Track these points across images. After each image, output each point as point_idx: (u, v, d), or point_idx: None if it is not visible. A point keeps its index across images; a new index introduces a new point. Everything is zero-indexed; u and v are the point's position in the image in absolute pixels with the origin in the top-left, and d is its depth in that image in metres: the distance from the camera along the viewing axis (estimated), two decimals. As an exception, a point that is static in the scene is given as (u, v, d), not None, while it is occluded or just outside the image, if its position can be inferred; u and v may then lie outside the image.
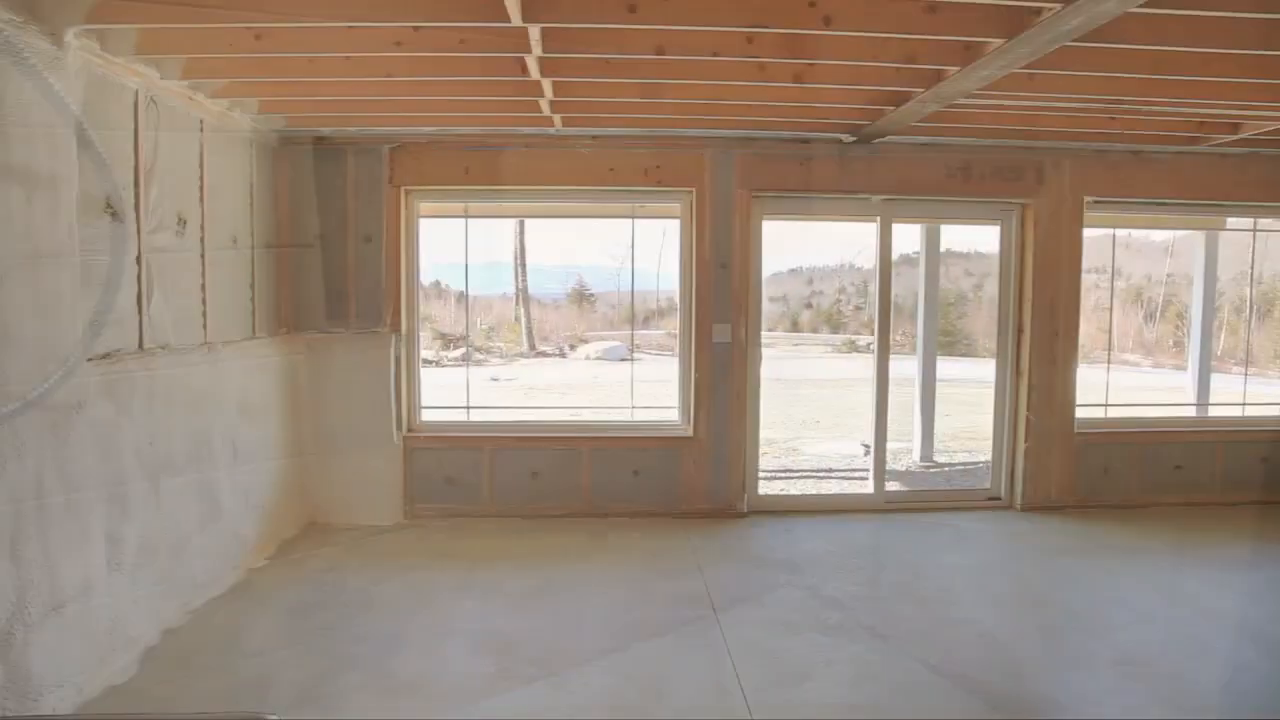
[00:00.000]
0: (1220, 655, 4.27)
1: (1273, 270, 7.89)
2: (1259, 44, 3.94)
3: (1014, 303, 6.84)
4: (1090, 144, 6.52)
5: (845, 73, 4.64)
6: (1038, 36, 3.65)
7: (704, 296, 6.39)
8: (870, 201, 6.57)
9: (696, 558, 5.60)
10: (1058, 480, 6.85)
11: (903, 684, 3.91)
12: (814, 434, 11.45)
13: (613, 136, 6.21)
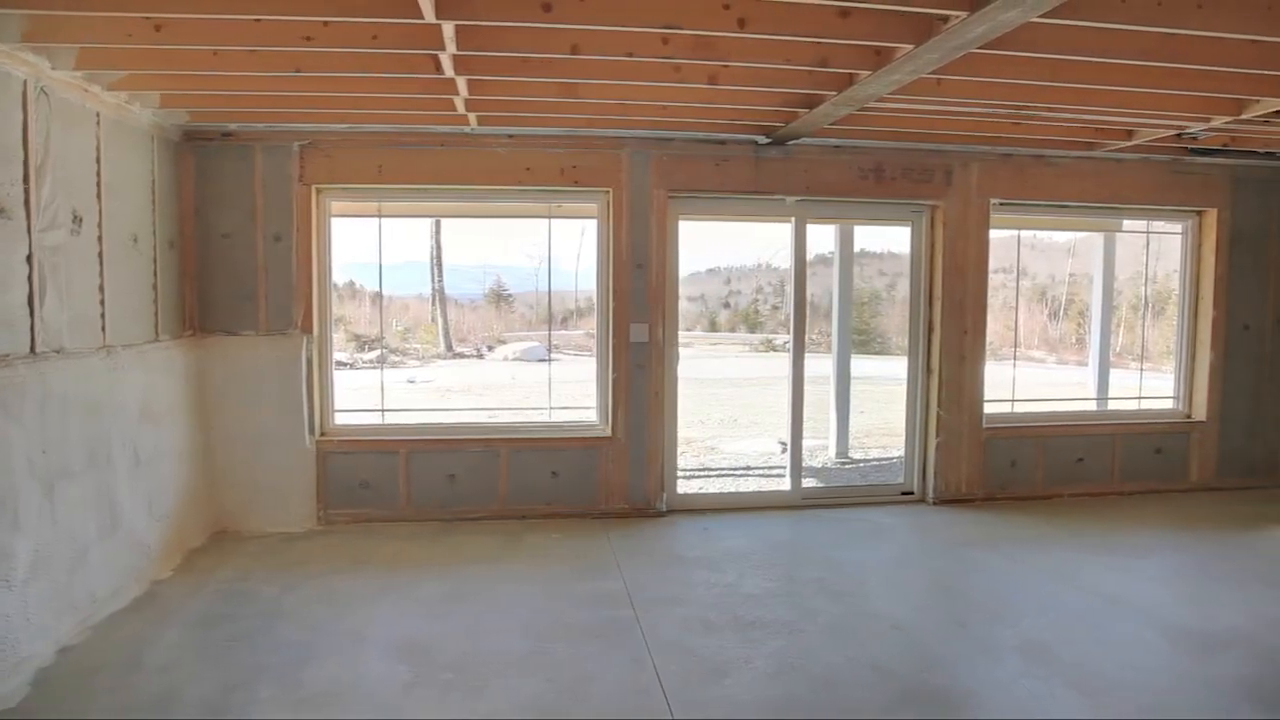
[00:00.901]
0: (1120, 639, 4.45)
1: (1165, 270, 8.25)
2: (1149, 55, 4.11)
3: (925, 301, 7.02)
4: (996, 148, 6.72)
5: (759, 75, 4.70)
6: (945, 43, 3.75)
7: (621, 296, 6.40)
8: (785, 202, 6.67)
9: (616, 557, 5.60)
10: (967, 474, 7.06)
11: (820, 677, 3.97)
12: (732, 432, 11.57)
13: (529, 136, 6.17)
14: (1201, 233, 7.56)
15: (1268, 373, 7.67)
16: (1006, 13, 3.32)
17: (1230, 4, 3.59)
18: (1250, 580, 5.34)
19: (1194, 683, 4.00)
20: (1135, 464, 7.46)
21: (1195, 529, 6.45)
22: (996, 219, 7.04)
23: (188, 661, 4.06)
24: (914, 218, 6.99)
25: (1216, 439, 7.59)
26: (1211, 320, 7.48)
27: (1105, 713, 3.68)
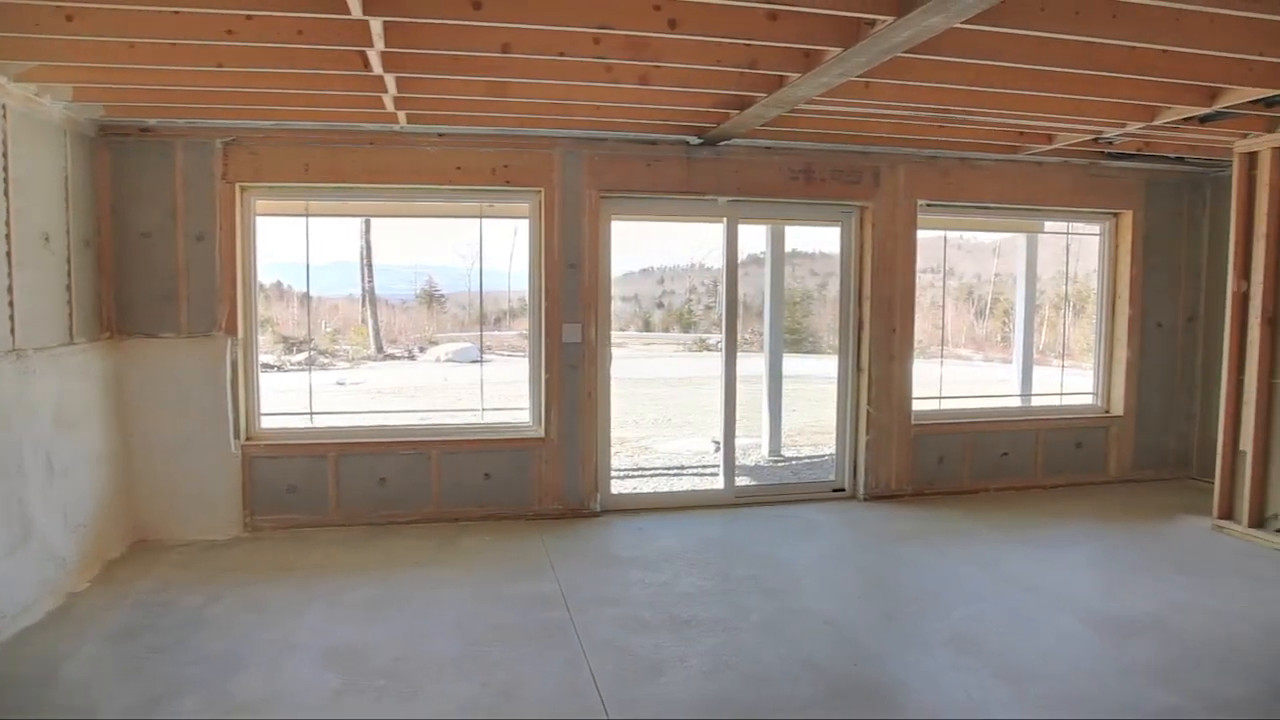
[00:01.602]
0: (1043, 628, 4.58)
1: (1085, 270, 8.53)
2: (1067, 63, 4.24)
3: (854, 301, 7.13)
4: (922, 150, 6.86)
5: (691, 75, 4.72)
6: (872, 46, 3.81)
7: (554, 296, 6.37)
8: (717, 203, 6.71)
9: (550, 558, 5.57)
10: (897, 470, 7.19)
11: (753, 674, 4.01)
12: (666, 432, 11.62)
13: (460, 135, 6.11)
14: (1118, 234, 7.82)
15: (1179, 369, 7.97)
16: (931, 18, 3.39)
17: (1141, 16, 3.71)
18: (1164, 567, 5.54)
19: (1112, 667, 4.13)
20: (1057, 458, 7.68)
21: (1113, 520, 6.67)
22: (924, 220, 7.19)
23: (106, 676, 3.93)
24: (843, 218, 7.10)
25: (1133, 433, 7.86)
26: (1128, 319, 7.74)
27: (1029, 700, 3.78)
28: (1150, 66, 4.36)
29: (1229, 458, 6.40)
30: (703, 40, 4.01)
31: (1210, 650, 4.30)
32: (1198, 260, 7.91)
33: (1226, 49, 3.97)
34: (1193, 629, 4.56)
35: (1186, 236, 7.87)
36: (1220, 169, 7.39)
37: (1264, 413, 6.16)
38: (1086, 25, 3.70)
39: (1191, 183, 7.82)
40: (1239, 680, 3.98)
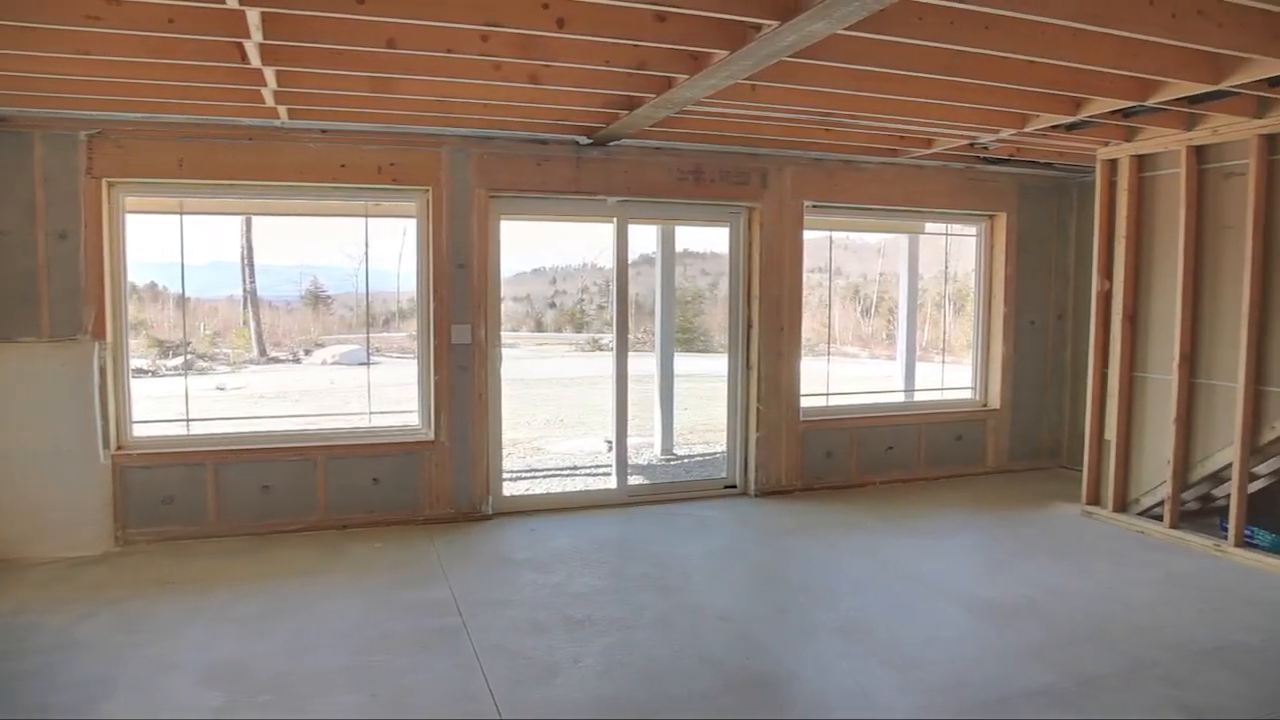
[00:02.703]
0: (927, 615, 4.74)
1: (964, 270, 8.88)
2: (944, 70, 4.38)
3: (744, 300, 7.24)
4: (808, 152, 7.01)
5: (580, 75, 4.70)
6: (758, 50, 3.86)
7: (442, 297, 6.27)
8: (606, 203, 6.71)
9: (442, 563, 5.48)
10: (786, 466, 7.34)
11: (649, 671, 4.03)
12: (558, 433, 11.57)
13: (344, 131, 5.94)
14: (993, 235, 8.16)
15: (1050, 364, 8.37)
16: (814, 24, 3.46)
17: (1011, 27, 3.87)
18: (1037, 553, 5.81)
19: (991, 650, 4.32)
20: (939, 451, 7.97)
21: (991, 509, 6.96)
22: (810, 220, 7.36)
23: (-38, 703, 3.68)
24: (732, 219, 7.20)
25: (1009, 425, 8.22)
26: (1003, 316, 8.09)
27: (914, 685, 3.91)
28: (1021, 76, 4.56)
29: (1095, 447, 6.76)
30: (592, 40, 4.00)
31: (1080, 629, 4.53)
32: (1066, 261, 8.33)
33: (1089, 62, 4.18)
34: (1064, 610, 4.79)
35: (1056, 238, 8.28)
36: (1085, 174, 7.79)
37: (1126, 404, 6.52)
38: (961, 35, 3.83)
39: (1060, 187, 8.23)
40: (1106, 656, 4.21)
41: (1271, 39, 3.88)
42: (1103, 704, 3.74)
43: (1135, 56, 4.22)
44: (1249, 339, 5.59)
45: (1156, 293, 6.31)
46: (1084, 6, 3.48)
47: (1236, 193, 5.71)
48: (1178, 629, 4.56)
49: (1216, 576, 5.35)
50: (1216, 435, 5.88)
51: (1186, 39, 3.79)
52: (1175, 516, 6.13)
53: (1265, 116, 5.34)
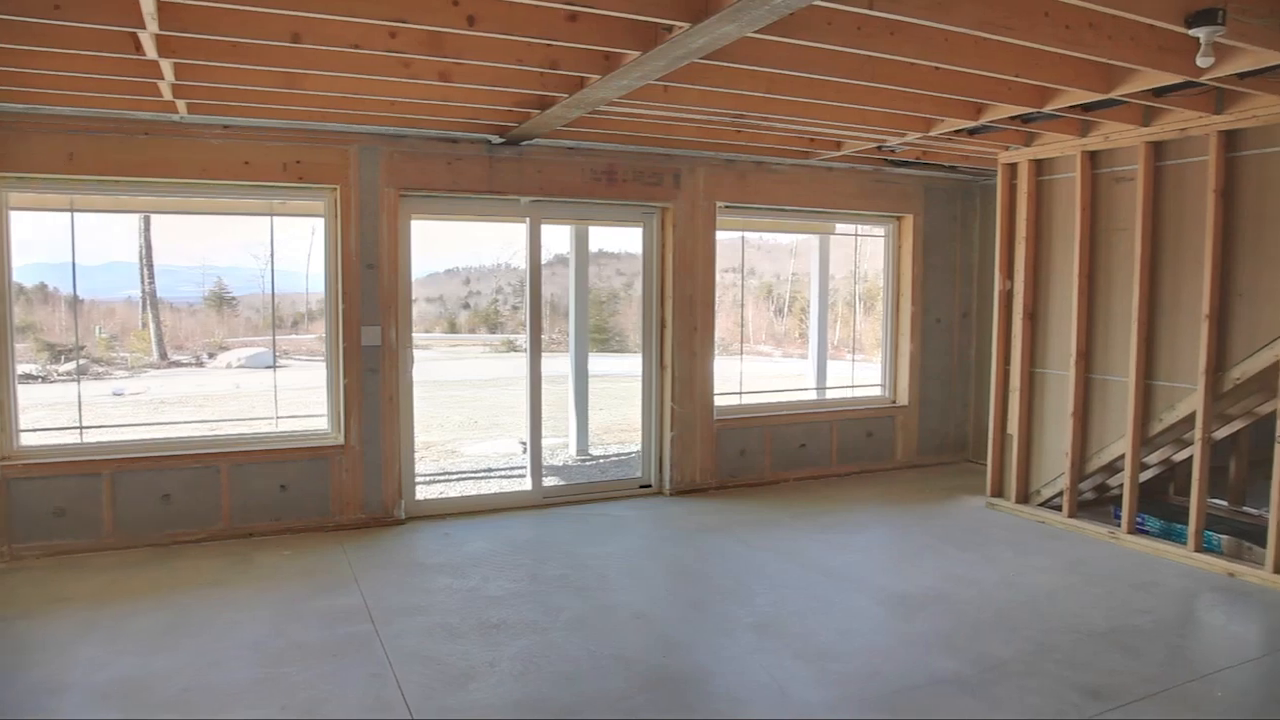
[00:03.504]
0: (840, 608, 4.83)
1: (874, 269, 9.07)
2: (853, 75, 4.47)
3: (657, 300, 7.27)
4: (720, 153, 7.08)
5: (491, 74, 4.66)
6: (669, 52, 3.88)
7: (351, 298, 6.13)
8: (519, 202, 6.67)
9: (353, 570, 5.36)
10: (701, 464, 7.39)
11: (566, 673, 4.01)
12: (473, 435, 11.45)
13: (248, 127, 5.77)
14: (900, 236, 8.36)
15: (956, 361, 8.62)
16: (725, 26, 3.49)
17: (917, 34, 3.96)
18: (944, 545, 5.97)
19: (901, 641, 4.42)
20: (850, 447, 8.13)
21: (900, 503, 7.12)
22: (723, 221, 7.43)
23: None
24: (645, 219, 7.22)
25: (917, 421, 8.44)
26: (911, 315, 8.30)
27: (828, 677, 3.97)
28: (926, 82, 4.68)
29: (999, 441, 6.99)
30: (503, 39, 3.96)
31: (985, 617, 4.68)
32: (970, 261, 8.59)
33: (990, 69, 4.31)
34: (970, 599, 4.94)
35: (960, 239, 8.52)
36: (988, 177, 8.05)
37: (1027, 399, 6.76)
38: (869, 41, 3.91)
39: (964, 190, 8.48)
40: (1010, 642, 4.35)
41: (1156, 52, 4.07)
42: (1007, 688, 3.87)
43: (1033, 65, 4.37)
44: (1139, 336, 5.85)
45: (1055, 292, 6.55)
46: (984, 16, 3.59)
47: (1127, 197, 5.97)
48: (1076, 614, 4.75)
49: (1111, 562, 5.59)
50: (1111, 428, 6.13)
51: (1079, 50, 3.94)
52: (1073, 506, 6.38)
53: (1151, 125, 5.60)
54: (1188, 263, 5.63)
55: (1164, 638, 4.48)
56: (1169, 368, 5.77)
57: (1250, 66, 4.16)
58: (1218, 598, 5.06)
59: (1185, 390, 5.66)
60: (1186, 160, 5.62)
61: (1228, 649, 4.45)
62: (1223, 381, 5.47)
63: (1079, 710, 3.67)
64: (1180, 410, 5.69)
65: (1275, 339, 5.16)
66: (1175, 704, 3.76)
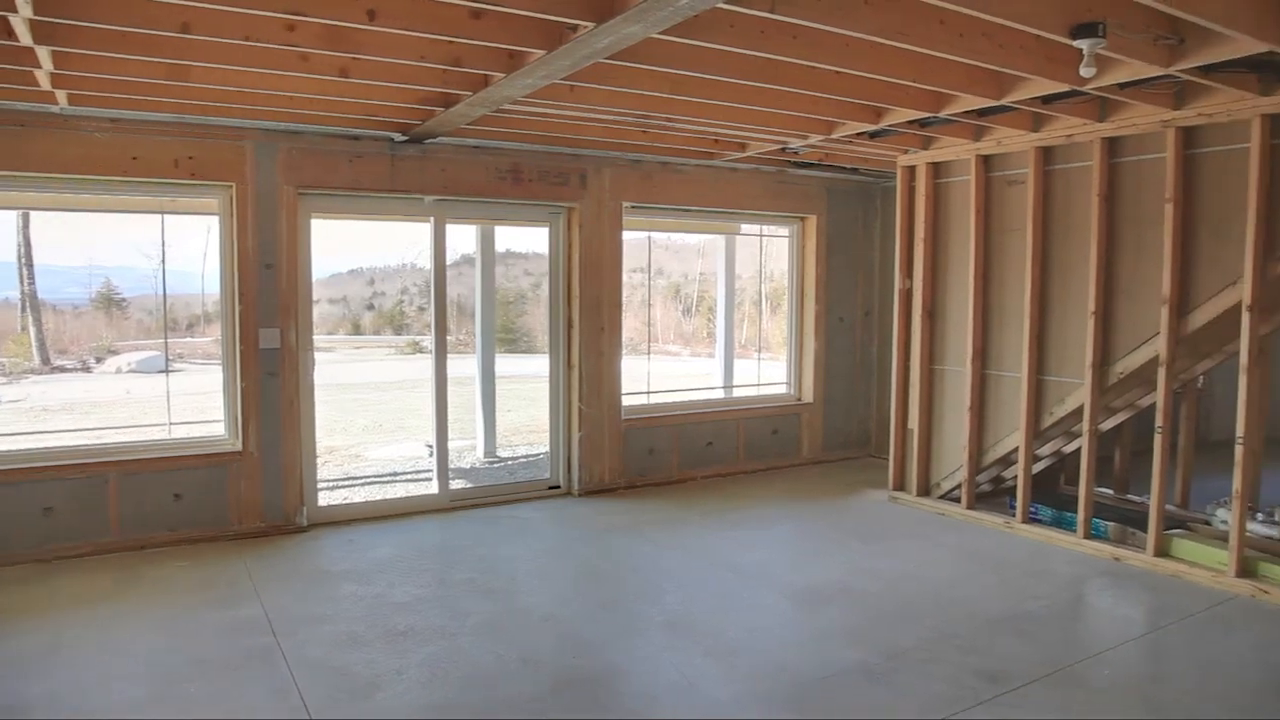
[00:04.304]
0: (748, 605, 4.88)
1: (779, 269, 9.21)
2: (756, 77, 4.52)
3: (564, 300, 7.24)
4: (627, 154, 7.09)
5: (393, 70, 4.56)
6: (574, 51, 3.86)
7: (249, 299, 5.94)
8: (423, 202, 6.55)
9: (253, 581, 5.19)
10: (609, 464, 7.39)
11: (474, 678, 3.95)
12: (378, 438, 11.22)
13: (135, 121, 5.52)
14: (804, 236, 8.52)
15: (859, 359, 8.82)
16: (630, 27, 3.49)
17: (817, 39, 4.01)
18: (849, 538, 6.10)
19: (808, 634, 4.51)
20: (757, 445, 8.24)
21: (806, 499, 7.25)
22: (629, 221, 7.44)
23: None
24: (551, 219, 7.19)
25: (821, 418, 8.60)
26: (815, 314, 8.46)
27: (737, 673, 4.02)
28: (827, 85, 4.77)
29: (900, 436, 7.17)
30: (404, 34, 3.88)
31: (888, 608, 4.80)
32: (871, 260, 8.79)
33: (888, 74, 4.42)
34: (874, 591, 5.06)
35: (862, 239, 8.72)
36: (888, 180, 8.25)
37: (927, 395, 6.95)
38: (770, 44, 3.96)
39: (865, 191, 8.68)
40: (912, 631, 4.47)
41: (1044, 61, 4.23)
42: (910, 675, 3.97)
43: (929, 71, 4.49)
44: (1030, 333, 6.08)
45: (952, 291, 6.76)
46: (882, 22, 3.67)
47: (1018, 199, 6.19)
48: (974, 601, 4.91)
49: (1007, 551, 5.80)
50: (1006, 422, 6.36)
51: (973, 57, 4.07)
52: (971, 498, 6.59)
53: (1041, 131, 5.82)
54: (1075, 263, 5.88)
55: (1056, 621, 4.67)
56: (1059, 363, 6.01)
57: (1129, 77, 4.37)
58: (1105, 581, 5.29)
59: (1074, 384, 5.90)
60: (1073, 165, 5.87)
61: (1114, 629, 4.68)
62: (1108, 376, 5.72)
63: (978, 694, 3.79)
64: (1069, 404, 5.93)
65: (1154, 335, 5.43)
66: (1066, 683, 3.92)
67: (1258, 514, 5.56)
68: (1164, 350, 5.35)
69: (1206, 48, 3.97)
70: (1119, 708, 3.75)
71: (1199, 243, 5.27)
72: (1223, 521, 5.55)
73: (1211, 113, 5.01)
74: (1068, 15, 3.64)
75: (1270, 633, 4.51)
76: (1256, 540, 5.36)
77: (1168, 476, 5.52)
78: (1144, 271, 5.51)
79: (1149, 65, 4.09)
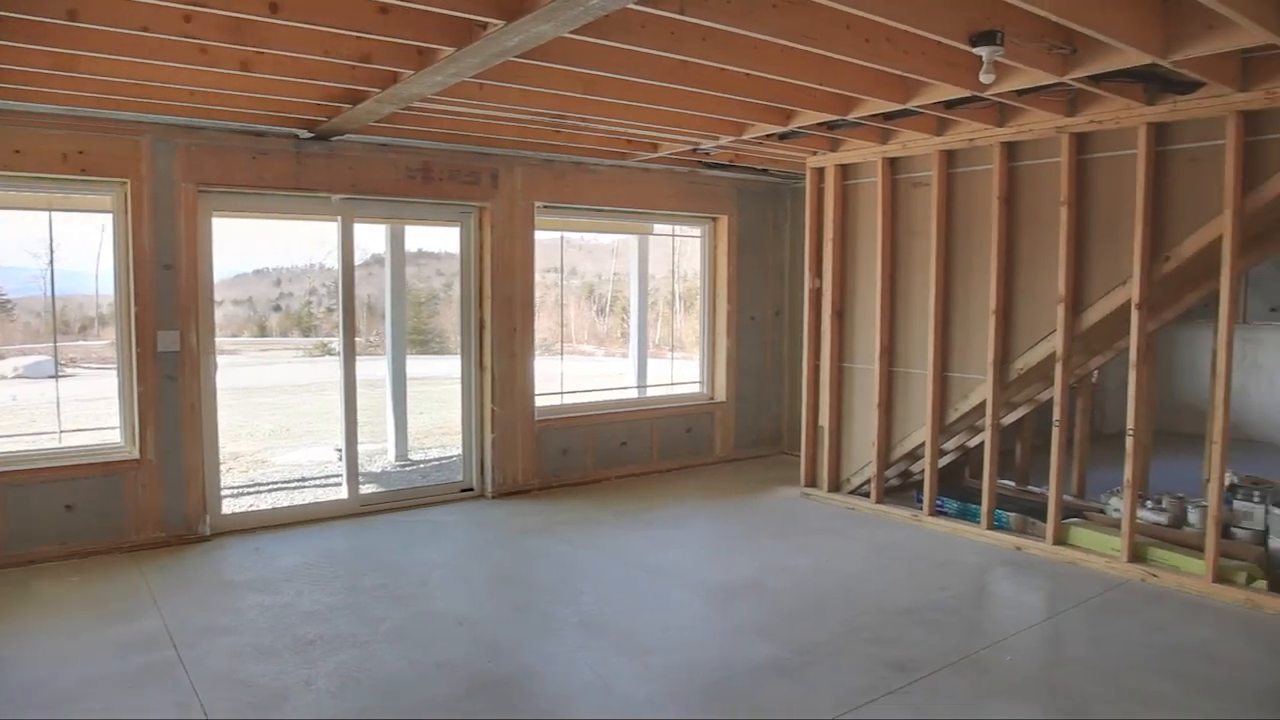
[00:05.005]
0: (662, 603, 4.90)
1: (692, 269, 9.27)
2: (668, 78, 4.54)
3: (475, 301, 7.17)
4: (539, 153, 7.05)
5: (298, 65, 4.43)
6: (484, 49, 3.82)
7: (146, 300, 5.71)
8: (330, 200, 6.40)
9: (152, 593, 4.99)
10: (523, 465, 7.34)
11: (387, 685, 3.88)
12: (285, 443, 10.93)
13: (19, 112, 5.24)
14: (716, 237, 8.59)
15: (770, 357, 8.95)
16: (540, 26, 3.47)
17: (727, 41, 4.05)
18: (761, 535, 6.19)
19: (721, 631, 4.55)
20: (670, 444, 8.29)
21: (719, 497, 7.32)
22: (542, 221, 7.40)
23: None
24: (463, 218, 7.10)
25: (734, 416, 8.70)
26: (727, 313, 8.54)
27: (651, 671, 4.03)
28: (737, 87, 4.82)
29: (811, 433, 7.29)
30: (309, 28, 3.77)
31: (800, 602, 4.88)
32: (782, 260, 8.93)
33: (797, 77, 4.48)
34: (786, 586, 5.14)
35: (772, 239, 8.85)
36: (797, 181, 8.39)
37: (837, 392, 7.09)
38: (681, 45, 3.98)
39: (775, 192, 8.81)
40: (823, 625, 4.55)
41: (946, 67, 4.35)
42: (821, 668, 4.04)
43: (837, 75, 4.58)
44: (935, 331, 6.25)
45: (860, 290, 6.90)
46: (789, 25, 3.72)
47: (923, 201, 6.36)
48: (883, 594, 5.02)
49: (915, 543, 5.95)
50: (913, 417, 6.52)
51: (878, 62, 4.16)
52: (880, 492, 6.74)
53: (944, 135, 5.99)
54: (977, 263, 6.06)
55: (961, 611, 4.81)
56: (963, 360, 6.20)
57: (1026, 85, 4.53)
58: (1007, 570, 5.48)
59: (977, 381, 6.09)
60: (975, 168, 6.05)
61: (1016, 617, 4.84)
62: (1008, 372, 5.92)
63: (888, 684, 3.88)
64: (973, 399, 6.12)
65: (1051, 332, 5.64)
66: (971, 670, 4.04)
67: (1147, 501, 5.84)
68: (1060, 347, 5.57)
69: (1096, 58, 4.15)
70: (1020, 691, 3.88)
71: (1092, 244, 5.50)
72: (1116, 510, 5.80)
73: (1102, 120, 5.23)
74: (968, 23, 3.75)
75: (1159, 614, 4.73)
76: (1146, 526, 5.63)
77: (1065, 468, 5.75)
78: (1041, 271, 5.72)
79: (1044, 73, 4.24)
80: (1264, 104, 4.60)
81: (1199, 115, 4.89)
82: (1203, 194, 4.98)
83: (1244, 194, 4.79)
